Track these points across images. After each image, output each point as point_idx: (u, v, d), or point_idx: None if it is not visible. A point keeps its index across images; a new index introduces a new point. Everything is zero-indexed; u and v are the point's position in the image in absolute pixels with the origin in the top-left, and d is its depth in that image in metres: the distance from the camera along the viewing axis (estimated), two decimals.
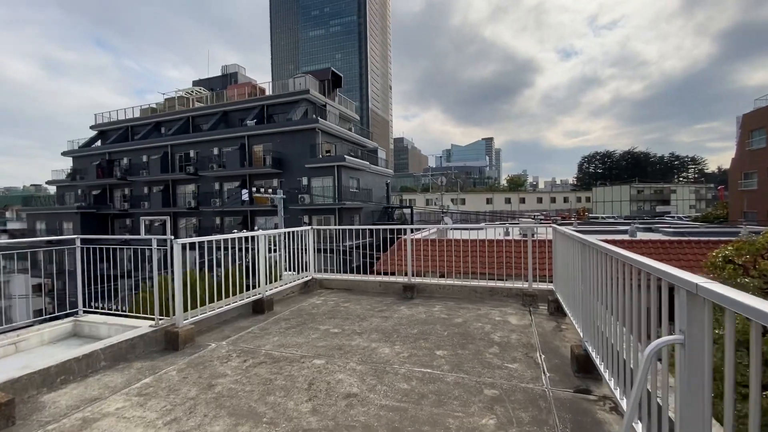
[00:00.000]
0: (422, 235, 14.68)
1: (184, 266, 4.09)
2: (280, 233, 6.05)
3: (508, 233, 15.15)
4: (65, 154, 37.87)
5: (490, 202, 72.09)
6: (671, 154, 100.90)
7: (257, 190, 20.30)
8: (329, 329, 4.43)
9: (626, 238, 16.29)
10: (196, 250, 4.65)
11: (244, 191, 27.03)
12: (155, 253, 4.02)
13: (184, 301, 4.01)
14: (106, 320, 4.39)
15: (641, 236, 17.68)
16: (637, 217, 47.67)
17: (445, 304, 5.49)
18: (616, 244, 2.87)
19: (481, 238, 8.72)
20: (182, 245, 3.92)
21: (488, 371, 3.23)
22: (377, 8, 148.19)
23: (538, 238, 6.51)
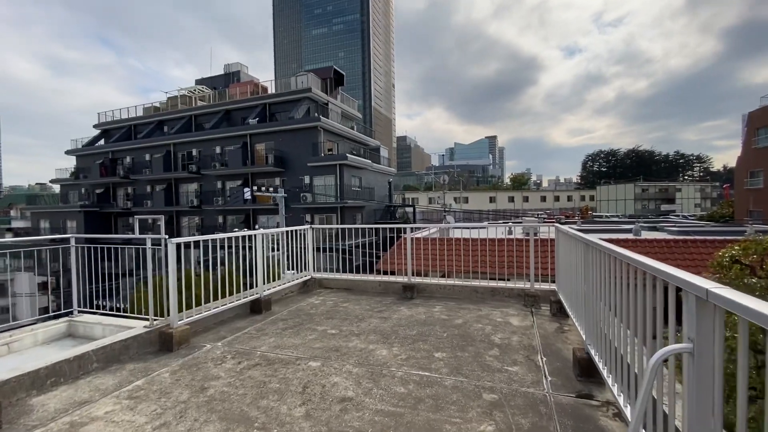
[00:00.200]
0: (424, 234, 14.60)
1: (179, 266, 4.03)
2: (278, 232, 5.98)
3: (510, 232, 15.04)
4: (69, 152, 38.03)
5: (493, 200, 71.89)
6: (676, 152, 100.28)
7: (258, 188, 20.26)
8: (327, 330, 4.35)
9: (630, 237, 16.12)
10: (200, 248, 4.60)
11: (246, 190, 27.05)
12: (149, 252, 3.96)
13: (179, 301, 3.95)
14: (100, 320, 4.33)
15: (645, 235, 17.49)
16: (641, 215, 47.36)
17: (445, 304, 5.41)
18: (619, 243, 2.78)
19: (483, 237, 8.63)
20: (176, 245, 3.85)
21: (488, 375, 3.14)
22: (380, 6, 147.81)
23: (540, 237, 6.40)
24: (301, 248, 6.44)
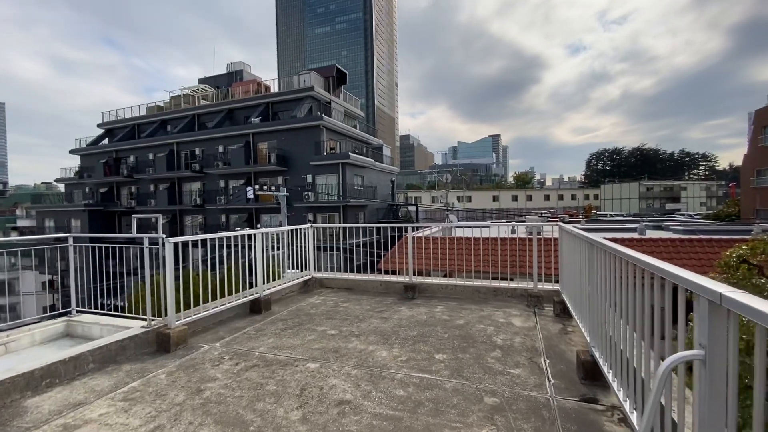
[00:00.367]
0: (426, 233, 14.52)
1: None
2: (278, 231, 5.93)
3: (514, 231, 14.92)
4: (73, 152, 38.20)
5: (496, 199, 71.60)
6: (681, 150, 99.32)
7: (260, 187, 20.25)
8: (326, 330, 4.30)
9: (635, 236, 15.96)
10: (199, 248, 4.55)
11: (249, 189, 27.04)
12: (147, 251, 3.92)
13: (176, 301, 3.91)
14: (98, 320, 4.30)
15: (650, 234, 17.32)
16: (646, 214, 47.03)
17: (447, 304, 5.34)
18: (624, 242, 2.70)
19: (486, 236, 8.55)
20: (174, 244, 3.81)
21: (489, 377, 3.07)
22: (383, 5, 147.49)
23: (544, 236, 6.31)
24: (301, 247, 6.39)
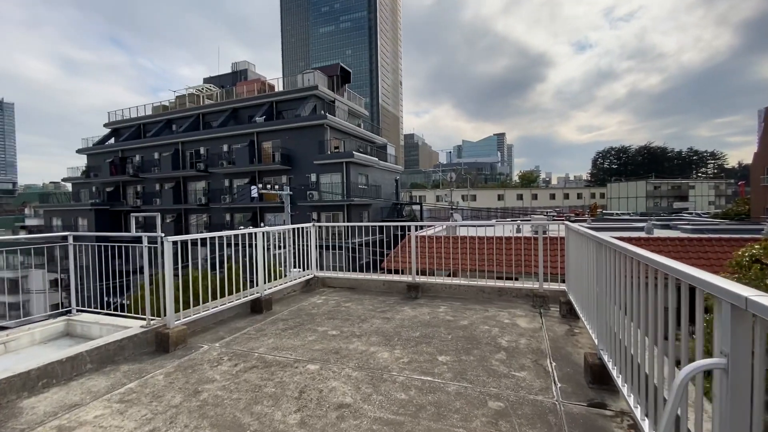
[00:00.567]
0: (430, 232, 14.42)
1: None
2: (280, 230, 5.87)
3: (519, 231, 14.75)
4: (80, 151, 38.52)
5: (501, 198, 71.18)
6: (689, 149, 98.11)
7: (264, 186, 20.25)
8: (327, 331, 4.23)
9: (642, 235, 15.74)
10: (197, 247, 4.50)
11: (253, 188, 27.07)
12: (146, 250, 3.87)
13: (176, 300, 3.86)
14: (98, 320, 4.26)
15: (658, 233, 17.08)
16: (653, 213, 46.52)
17: (450, 304, 5.25)
18: (631, 241, 2.60)
19: (490, 235, 8.42)
20: (173, 243, 3.76)
21: (494, 380, 2.98)
22: (388, 3, 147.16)
23: (550, 235, 6.20)
24: (304, 246, 6.33)
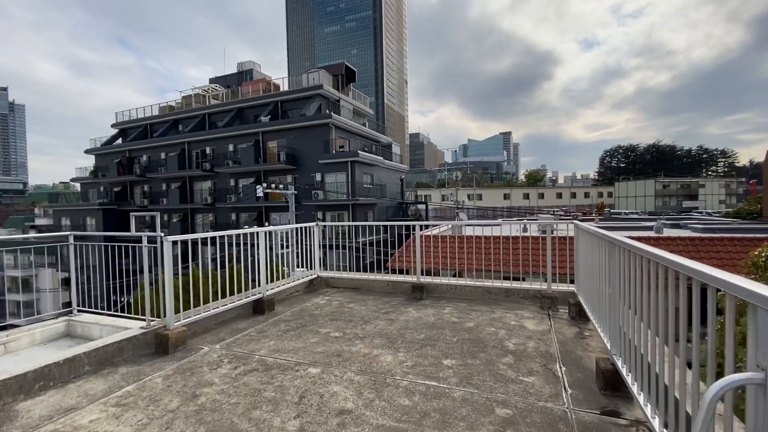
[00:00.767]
0: (435, 231, 14.29)
1: (176, 265, 3.87)
2: (283, 230, 5.80)
3: (525, 230, 14.57)
4: (88, 152, 38.90)
5: (507, 197, 70.69)
6: (699, 147, 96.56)
7: (268, 185, 20.25)
8: (330, 333, 4.14)
9: (652, 234, 15.46)
10: (199, 246, 4.45)
11: (259, 187, 27.10)
12: (145, 250, 3.81)
13: (176, 300, 3.79)
14: (99, 320, 4.22)
15: (668, 233, 16.77)
16: (662, 212, 45.89)
17: (456, 306, 5.13)
18: (641, 241, 2.47)
19: (497, 235, 8.31)
20: (173, 242, 3.69)
21: (501, 386, 2.87)
22: (393, 2, 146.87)
23: (557, 235, 6.05)
24: (307, 246, 6.25)
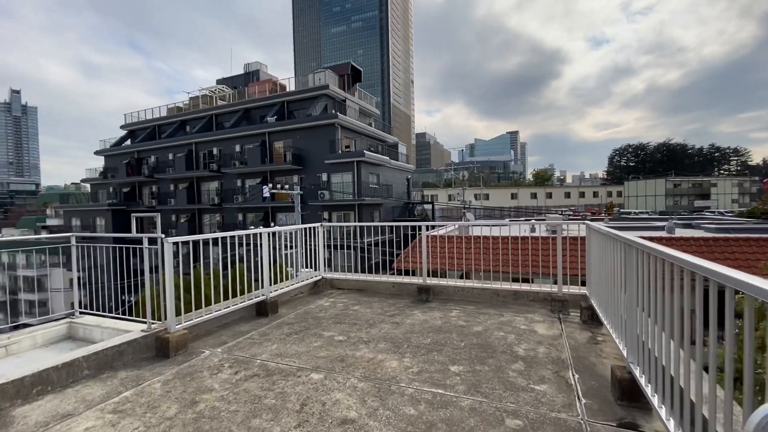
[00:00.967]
0: (442, 232, 14.15)
1: (177, 266, 3.80)
2: (287, 230, 5.71)
3: (534, 230, 14.34)
4: (98, 153, 39.37)
5: (515, 197, 70.13)
6: (711, 145, 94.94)
7: (275, 186, 20.26)
8: (333, 336, 4.04)
9: (663, 234, 15.15)
10: (201, 247, 4.40)
11: (265, 188, 27.18)
12: (146, 252, 3.75)
13: (177, 301, 3.72)
14: (100, 323, 4.17)
15: (680, 233, 16.42)
16: (673, 212, 45.16)
17: (463, 308, 5.01)
18: (653, 241, 2.33)
19: (504, 235, 8.14)
20: (173, 244, 3.62)
21: (511, 394, 2.75)
22: (399, 2, 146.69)
23: (567, 235, 5.89)
24: (312, 247, 6.17)
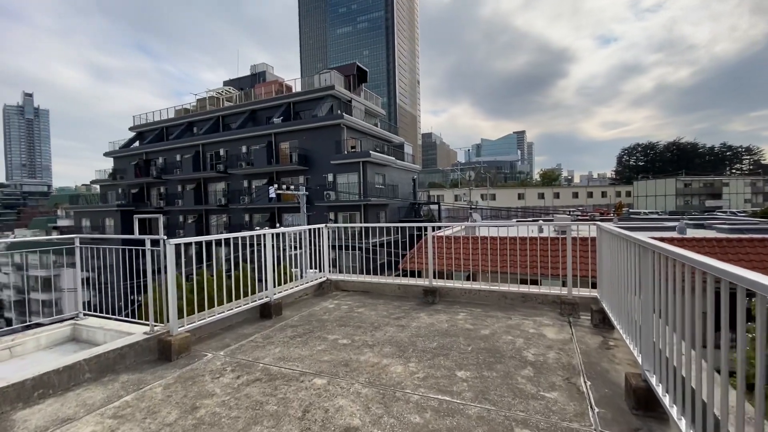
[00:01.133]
0: (448, 232, 14.03)
1: (179, 268, 3.76)
2: (291, 231, 5.66)
3: (541, 231, 14.16)
4: (107, 154, 39.84)
5: (522, 197, 69.58)
6: (723, 144, 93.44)
7: (279, 186, 20.29)
8: (337, 340, 3.97)
9: (675, 235, 14.87)
10: (203, 249, 4.36)
11: (271, 188, 27.24)
12: (149, 253, 3.71)
13: (180, 303, 3.68)
14: (103, 325, 4.15)
15: (692, 233, 16.12)
16: (684, 212, 44.46)
17: (470, 311, 4.91)
18: (664, 242, 2.23)
19: (512, 235, 8.02)
20: (175, 245, 3.58)
21: (520, 402, 2.65)
22: (405, 2, 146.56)
23: (577, 236, 5.76)
24: (317, 248, 6.11)
